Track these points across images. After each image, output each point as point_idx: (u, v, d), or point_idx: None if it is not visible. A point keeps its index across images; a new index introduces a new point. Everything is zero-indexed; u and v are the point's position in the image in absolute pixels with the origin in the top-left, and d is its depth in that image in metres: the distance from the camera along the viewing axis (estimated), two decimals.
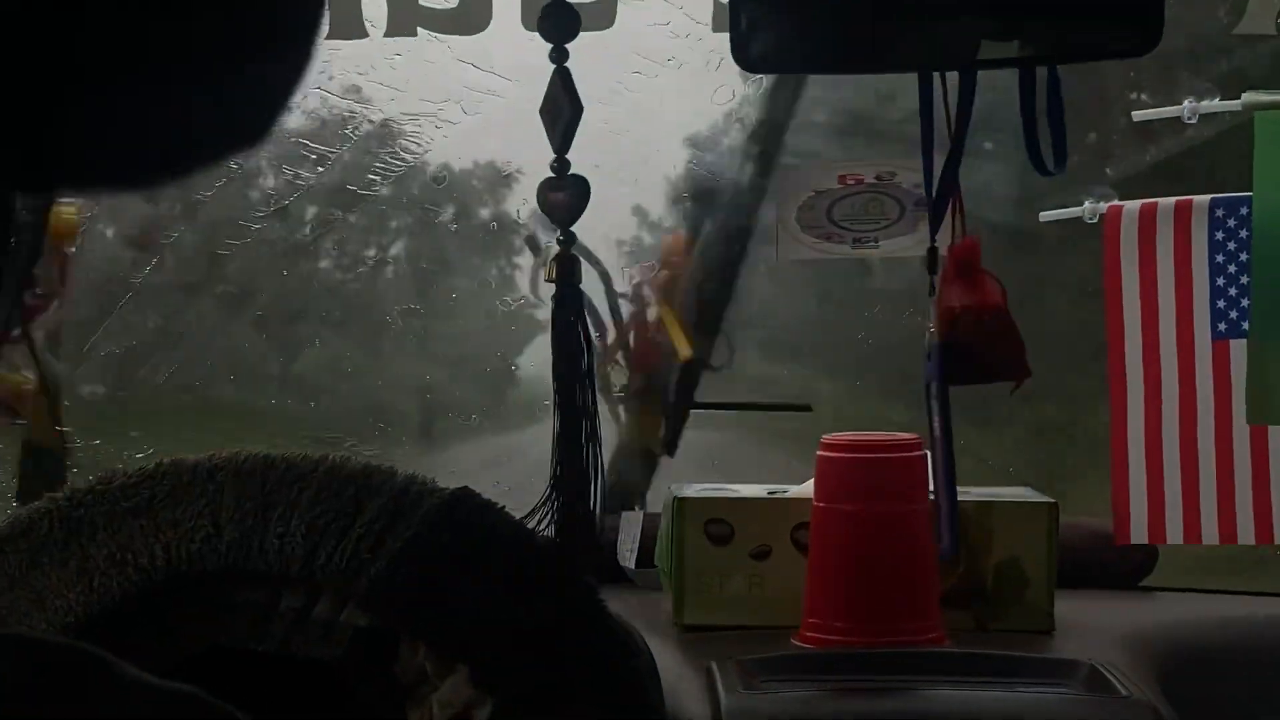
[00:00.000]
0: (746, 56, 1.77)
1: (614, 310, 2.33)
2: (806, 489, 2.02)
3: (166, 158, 0.68)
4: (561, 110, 1.75)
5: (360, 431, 2.72)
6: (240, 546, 1.44)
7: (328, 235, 2.73)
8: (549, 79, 1.76)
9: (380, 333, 2.82)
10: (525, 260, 2.55)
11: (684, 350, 2.40)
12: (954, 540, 1.75)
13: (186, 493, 1.46)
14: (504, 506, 1.48)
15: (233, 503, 1.45)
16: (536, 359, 2.31)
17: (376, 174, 2.49)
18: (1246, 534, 2.10)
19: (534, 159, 1.84)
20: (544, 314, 1.88)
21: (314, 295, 2.81)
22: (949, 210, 1.82)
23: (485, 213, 2.79)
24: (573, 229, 1.80)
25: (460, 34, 2.14)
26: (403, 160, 2.48)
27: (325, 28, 0.70)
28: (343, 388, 2.83)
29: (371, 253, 2.84)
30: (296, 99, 0.70)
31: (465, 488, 1.46)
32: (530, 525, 1.85)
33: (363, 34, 2.14)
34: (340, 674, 1.46)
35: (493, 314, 2.67)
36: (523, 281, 2.58)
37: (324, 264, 2.84)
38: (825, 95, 2.44)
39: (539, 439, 1.96)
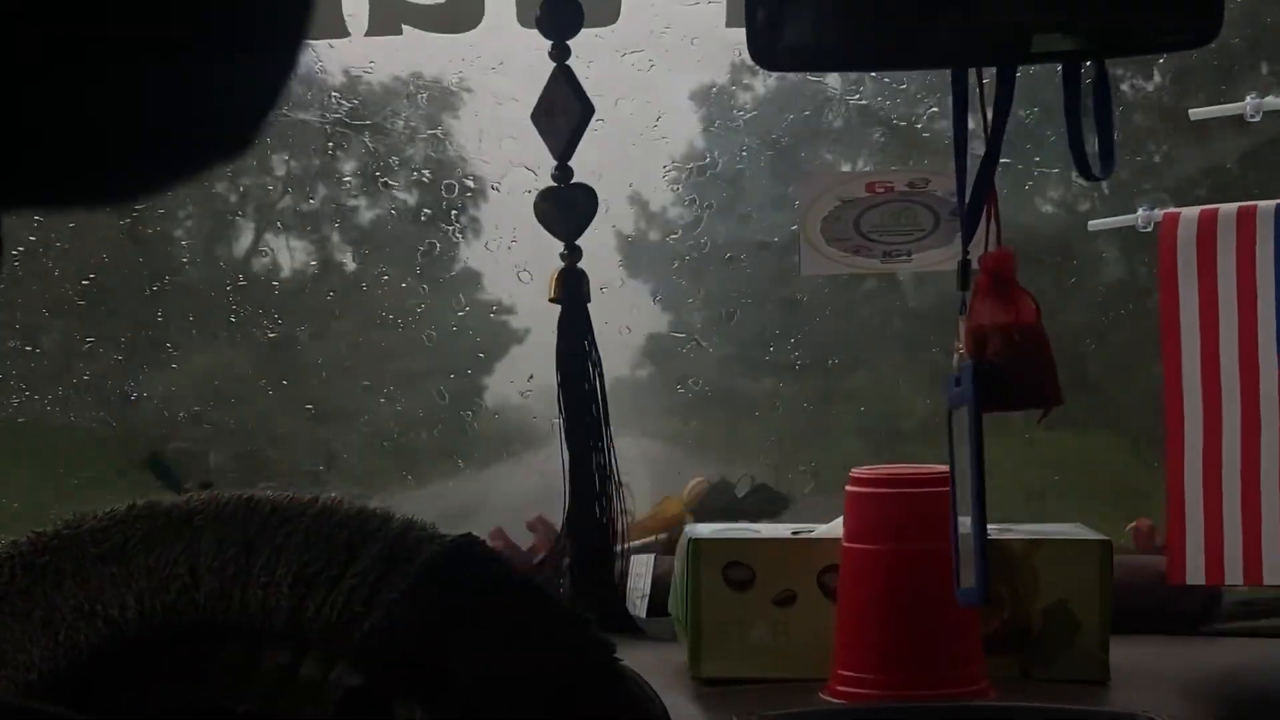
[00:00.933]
0: (765, 54, 1.61)
1: None
2: (834, 528, 1.88)
3: (142, 169, 0.63)
4: (567, 112, 1.59)
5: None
6: (220, 597, 1.34)
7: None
8: (548, 79, 1.61)
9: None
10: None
11: None
12: (984, 585, 1.59)
13: (161, 537, 1.36)
14: (510, 557, 1.36)
15: (212, 549, 1.35)
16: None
17: None
18: None
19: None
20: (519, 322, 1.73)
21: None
22: (984, 219, 1.66)
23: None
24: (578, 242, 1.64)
25: (449, 31, 1.99)
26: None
27: (312, 26, 0.65)
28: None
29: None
30: (282, 102, 0.65)
31: (469, 534, 1.36)
32: (541, 573, 1.73)
33: (343, 32, 2.00)
34: None
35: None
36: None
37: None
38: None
39: (513, 479, 1.81)
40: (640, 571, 2.10)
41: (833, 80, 2.18)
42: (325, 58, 2.21)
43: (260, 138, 0.63)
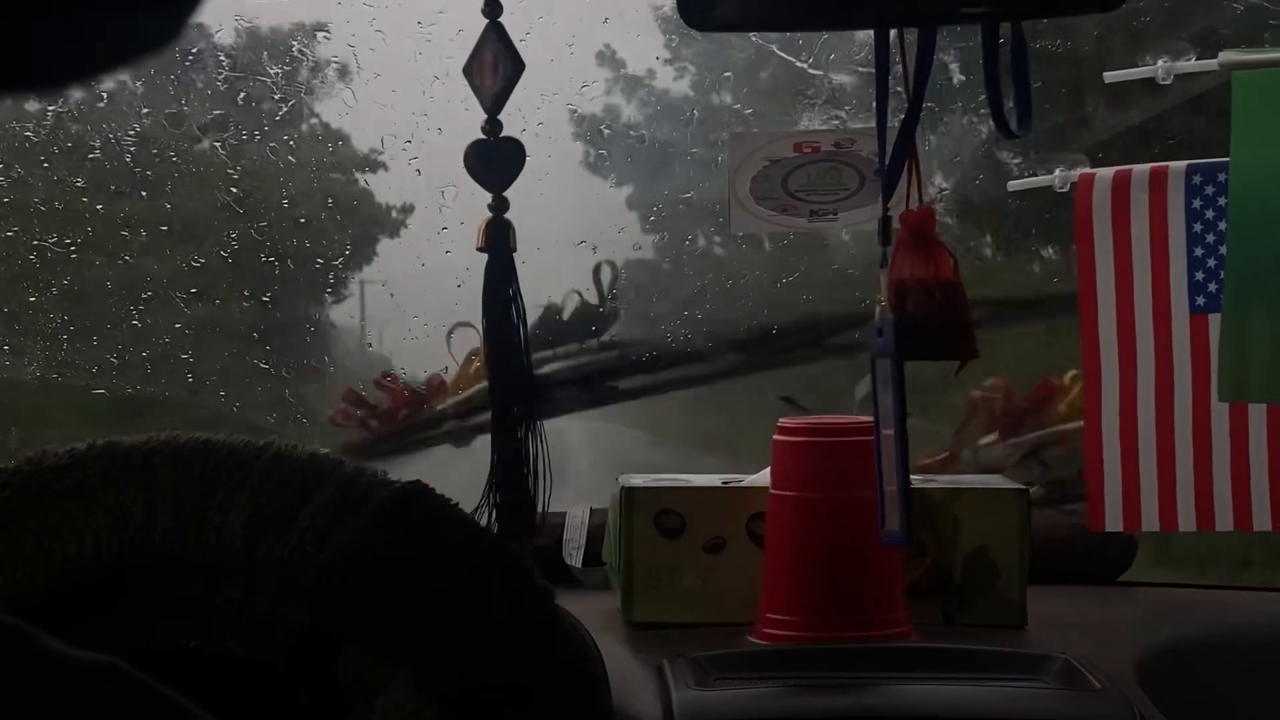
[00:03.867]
0: (693, 13, 1.66)
1: None
2: (763, 477, 1.92)
3: (72, 55, 0.63)
4: (496, 67, 1.64)
5: None
6: (176, 535, 1.37)
7: None
8: (479, 34, 1.65)
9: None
10: None
11: None
12: (907, 527, 1.64)
13: (121, 476, 1.39)
14: (458, 503, 1.39)
15: (169, 488, 1.37)
16: None
17: None
18: (1225, 520, 2.00)
19: None
20: None
21: None
22: (905, 176, 1.71)
23: None
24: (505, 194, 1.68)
25: None
26: None
27: None
28: None
29: None
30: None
31: (418, 481, 1.39)
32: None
33: None
34: (279, 674, 1.38)
35: None
36: None
37: None
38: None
39: None
40: (575, 524, 2.14)
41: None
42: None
43: (186, 29, 0.65)
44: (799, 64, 2.24)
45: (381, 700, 1.33)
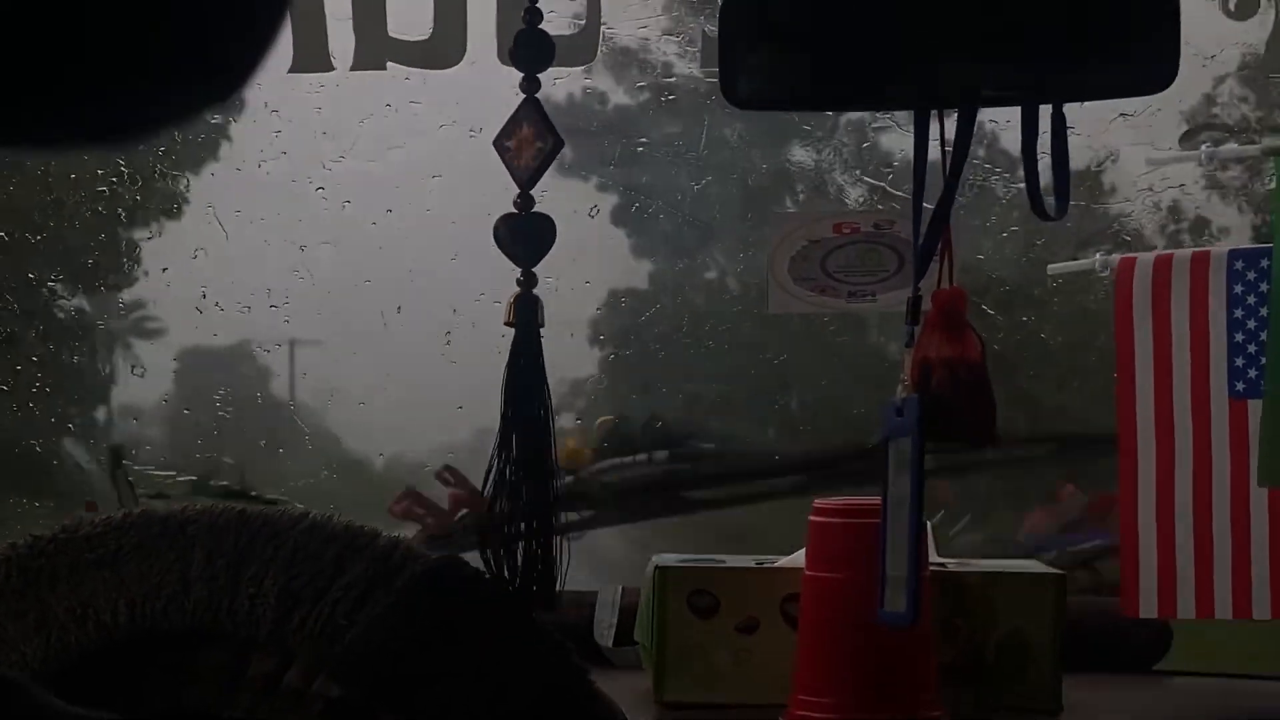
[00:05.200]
0: (735, 94, 1.67)
1: None
2: (797, 558, 1.91)
3: (139, 110, 0.65)
4: (528, 140, 1.64)
5: None
6: (209, 605, 1.38)
7: None
8: (516, 108, 1.65)
9: None
10: None
11: None
12: (914, 606, 1.62)
13: (155, 546, 1.40)
14: (492, 577, 1.39)
15: (203, 558, 1.38)
16: None
17: None
18: (1262, 609, 1.98)
19: None
20: None
21: None
22: (938, 257, 1.71)
23: None
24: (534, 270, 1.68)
25: (432, 68, 2.04)
26: None
27: None
28: None
29: None
30: (273, 52, 0.67)
31: (453, 555, 1.37)
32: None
33: (327, 67, 2.04)
34: None
35: None
36: None
37: None
38: None
39: None
40: (607, 603, 2.13)
41: None
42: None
43: (250, 85, 0.66)
44: None
45: None
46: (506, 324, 1.75)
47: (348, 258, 2.50)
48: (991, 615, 1.91)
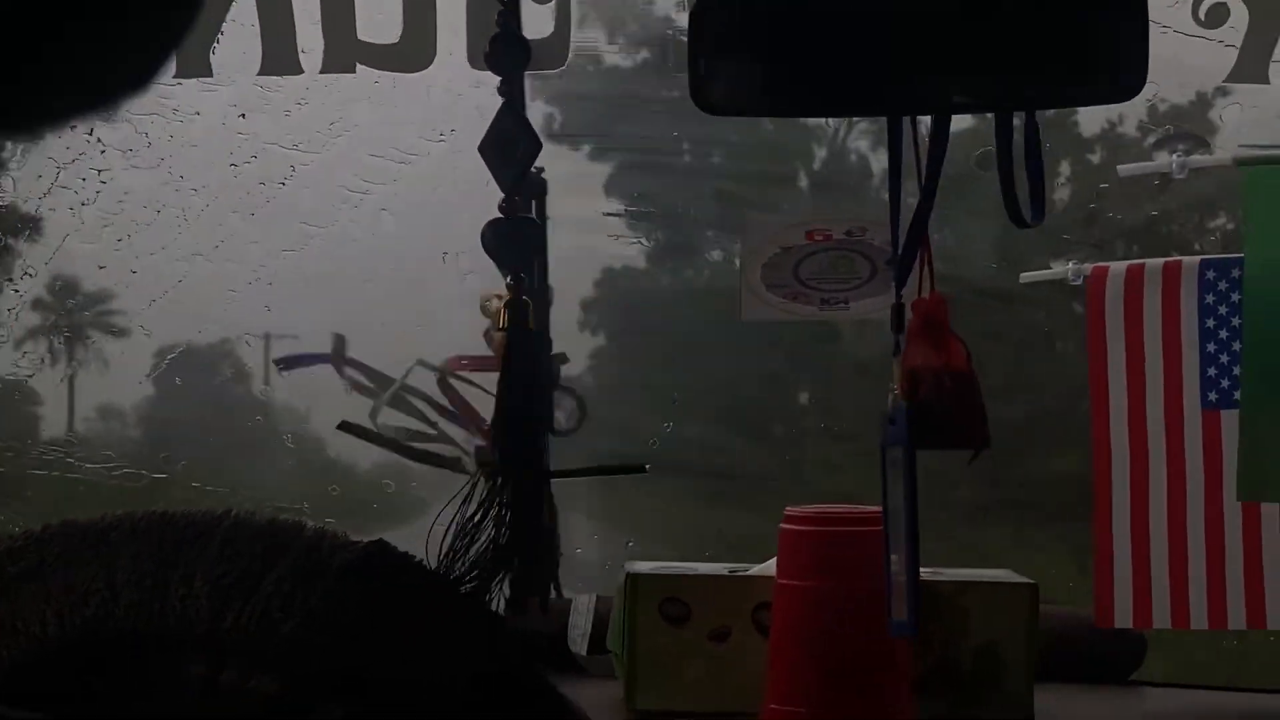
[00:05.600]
0: (705, 99, 1.66)
1: None
2: (769, 567, 1.90)
3: (47, 100, 0.64)
4: (512, 146, 1.64)
5: None
6: (139, 610, 1.36)
7: None
8: (495, 114, 1.65)
9: None
10: None
11: None
12: (915, 617, 1.62)
13: (79, 555, 1.38)
14: (422, 560, 1.38)
15: (129, 564, 1.36)
16: None
17: None
18: (1237, 619, 1.98)
19: None
20: None
21: None
22: (918, 265, 1.70)
23: None
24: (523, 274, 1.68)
25: (402, 70, 2.03)
26: None
27: None
28: None
29: None
30: (184, 42, 0.67)
31: (381, 540, 1.36)
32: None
33: (296, 69, 2.03)
34: None
35: None
36: None
37: None
38: None
39: None
40: (581, 610, 2.12)
41: None
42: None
43: (162, 75, 0.65)
44: None
45: None
46: (498, 329, 1.76)
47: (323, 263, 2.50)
48: (965, 624, 1.90)
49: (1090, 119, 2.35)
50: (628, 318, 2.74)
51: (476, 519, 1.79)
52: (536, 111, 1.84)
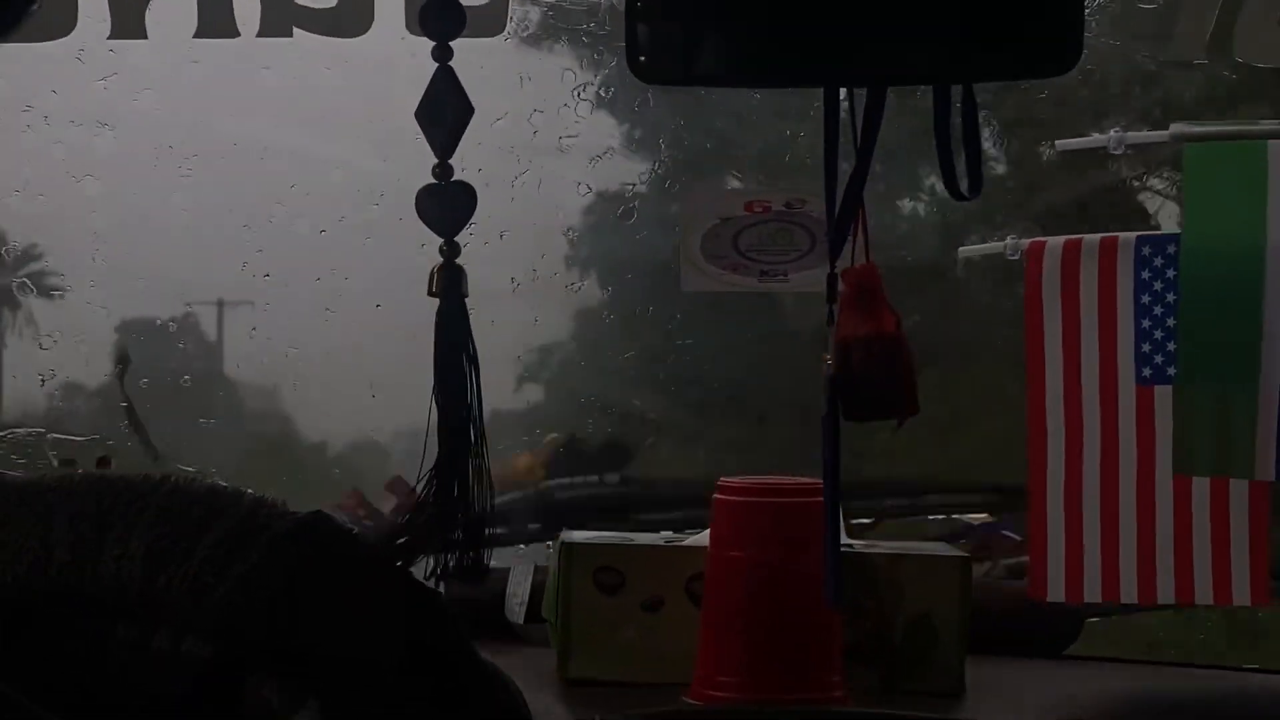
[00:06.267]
0: (642, 67, 1.66)
1: None
2: (704, 537, 1.91)
3: None
4: (445, 111, 1.63)
5: None
6: (73, 569, 1.34)
7: None
8: (430, 78, 1.64)
9: None
10: None
11: None
12: (836, 590, 1.63)
13: (14, 514, 1.35)
14: (359, 531, 1.37)
15: (65, 523, 1.34)
16: None
17: None
18: (1167, 594, 1.99)
19: None
20: None
21: None
22: (852, 235, 1.70)
23: None
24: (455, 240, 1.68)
25: (338, 35, 2.02)
26: None
27: None
28: None
29: None
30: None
31: (319, 511, 1.35)
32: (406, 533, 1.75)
33: (233, 32, 2.03)
34: (182, 711, 1.35)
35: None
36: None
37: None
38: None
39: None
40: (519, 579, 2.12)
41: None
42: None
43: (26, 20, 0.63)
44: None
45: None
46: (430, 294, 1.76)
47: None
48: (898, 597, 1.91)
49: (1031, 92, 2.35)
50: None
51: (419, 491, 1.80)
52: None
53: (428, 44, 1.70)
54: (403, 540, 1.75)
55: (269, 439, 2.72)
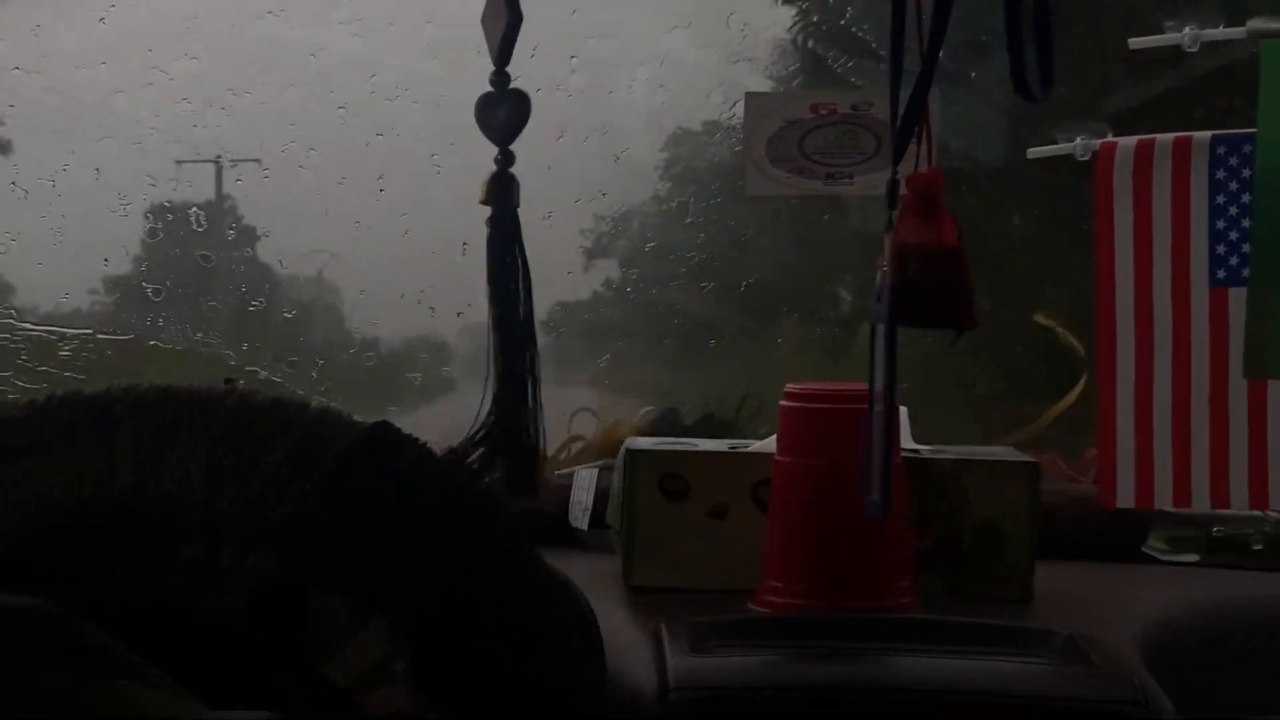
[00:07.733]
0: None
1: None
2: (770, 444, 1.89)
3: None
4: (500, 18, 1.61)
5: None
6: (135, 492, 1.33)
7: None
8: None
9: None
10: None
11: None
12: (885, 497, 1.61)
13: (80, 428, 1.34)
14: (427, 442, 1.36)
15: (129, 441, 1.33)
16: None
17: None
18: (1240, 499, 1.97)
19: None
20: None
21: None
22: (916, 139, 1.67)
23: None
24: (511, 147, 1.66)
25: None
26: None
27: None
28: None
29: None
30: None
31: (384, 421, 1.34)
32: (467, 459, 1.74)
33: None
34: (246, 627, 1.35)
35: None
36: None
37: None
38: None
39: None
40: (583, 485, 2.11)
41: None
42: None
43: None
44: None
45: (353, 648, 1.31)
46: (482, 203, 1.74)
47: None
48: (966, 502, 1.89)
49: None
50: None
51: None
52: None
53: None
54: (472, 450, 1.73)
55: None
